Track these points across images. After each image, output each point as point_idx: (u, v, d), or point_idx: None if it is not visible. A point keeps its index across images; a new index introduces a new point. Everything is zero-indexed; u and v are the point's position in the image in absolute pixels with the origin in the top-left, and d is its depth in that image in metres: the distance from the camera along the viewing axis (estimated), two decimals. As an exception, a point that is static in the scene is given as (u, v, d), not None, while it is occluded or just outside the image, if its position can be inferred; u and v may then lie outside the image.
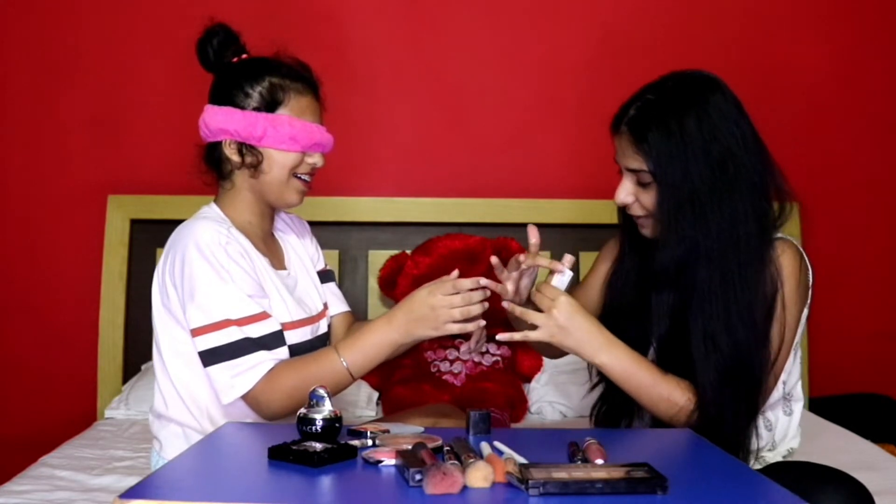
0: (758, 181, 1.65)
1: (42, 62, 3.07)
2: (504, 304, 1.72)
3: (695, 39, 3.08)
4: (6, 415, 3.05)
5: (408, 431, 1.49)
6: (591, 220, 2.96)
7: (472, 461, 1.19)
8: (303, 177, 1.79)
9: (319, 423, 1.38)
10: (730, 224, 1.63)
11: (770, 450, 1.76)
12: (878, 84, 3.19)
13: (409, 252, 2.97)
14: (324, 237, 2.27)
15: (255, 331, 1.65)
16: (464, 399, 2.60)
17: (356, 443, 1.36)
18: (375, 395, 2.81)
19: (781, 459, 1.77)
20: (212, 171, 1.81)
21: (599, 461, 1.26)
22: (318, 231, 2.11)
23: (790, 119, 3.11)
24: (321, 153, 1.79)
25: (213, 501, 1.11)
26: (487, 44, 3.15)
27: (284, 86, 1.75)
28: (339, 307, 1.98)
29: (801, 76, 3.17)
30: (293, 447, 1.30)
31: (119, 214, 3.00)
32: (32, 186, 3.07)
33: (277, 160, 1.74)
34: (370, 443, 1.38)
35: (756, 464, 1.73)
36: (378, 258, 3.03)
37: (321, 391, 1.41)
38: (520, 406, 2.73)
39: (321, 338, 1.85)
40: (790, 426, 1.77)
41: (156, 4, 3.08)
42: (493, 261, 1.75)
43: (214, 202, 1.83)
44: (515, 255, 1.72)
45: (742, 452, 1.67)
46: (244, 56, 1.81)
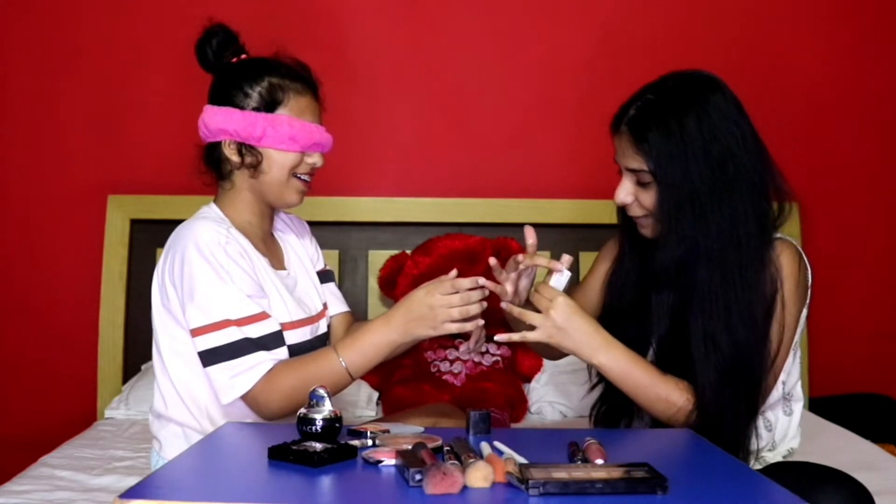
0: (758, 181, 1.65)
1: (42, 62, 3.07)
2: (503, 305, 1.72)
3: (695, 39, 3.08)
4: (6, 415, 3.05)
5: (408, 431, 1.49)
6: (591, 220, 2.96)
7: (472, 461, 1.19)
8: (302, 177, 1.79)
9: (319, 423, 1.38)
10: (730, 224, 1.63)
11: (770, 450, 1.75)
12: (878, 84, 3.19)
13: (409, 252, 2.97)
14: (324, 237, 2.27)
15: (255, 331, 1.65)
16: (464, 399, 2.60)
17: (356, 443, 1.36)
18: (375, 395, 2.81)
19: (781, 459, 1.77)
20: (211, 172, 1.81)
21: (599, 461, 1.26)
22: (318, 231, 2.11)
23: (790, 119, 3.11)
24: (321, 153, 1.79)
25: (213, 501, 1.11)
26: (487, 44, 3.15)
27: (284, 86, 1.75)
28: (339, 307, 1.98)
29: (801, 76, 3.17)
30: (293, 447, 1.30)
31: (119, 214, 3.00)
32: (32, 186, 3.08)
33: (277, 160, 1.74)
34: (370, 443, 1.38)
35: (756, 464, 1.73)
36: (378, 258, 3.03)
37: (321, 391, 1.41)
38: (520, 406, 2.73)
39: (321, 338, 1.85)
40: (790, 426, 1.77)
41: (156, 4, 3.08)
42: (492, 262, 1.75)
43: (214, 202, 1.83)
44: (514, 256, 1.72)
45: (742, 452, 1.67)
46: (243, 56, 1.81)
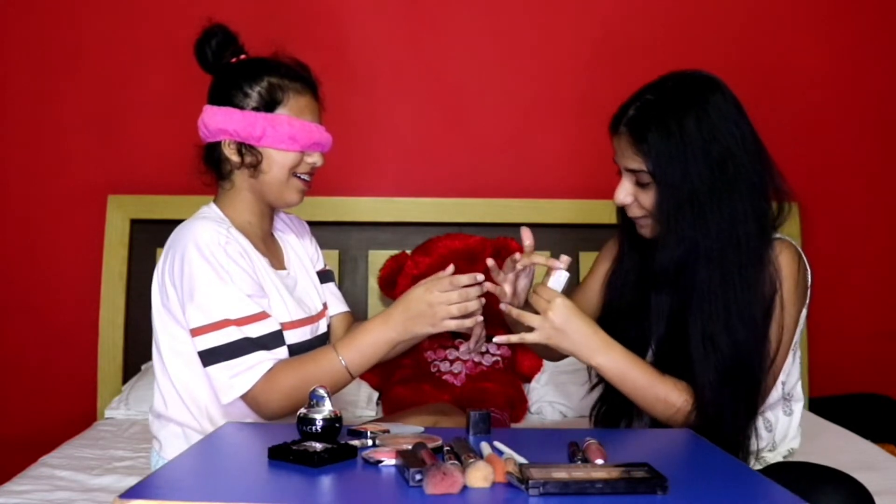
0: (757, 181, 1.65)
1: (42, 62, 3.07)
2: (501, 307, 1.72)
3: (695, 39, 3.08)
4: (6, 415, 3.05)
5: (408, 431, 1.49)
6: (591, 220, 2.96)
7: (472, 461, 1.19)
8: (302, 176, 1.79)
9: (319, 423, 1.38)
10: (729, 224, 1.63)
11: (770, 450, 1.75)
12: (878, 84, 3.19)
13: (409, 252, 2.97)
14: (324, 237, 2.27)
15: (255, 331, 1.65)
16: (464, 399, 2.60)
17: (356, 443, 1.36)
18: (375, 395, 2.81)
19: (782, 460, 1.76)
20: (211, 172, 1.81)
21: (599, 461, 1.26)
22: (318, 231, 2.11)
23: (790, 119, 3.11)
24: (320, 152, 1.79)
25: (213, 501, 1.11)
26: (487, 44, 3.15)
27: (283, 86, 1.75)
28: (339, 307, 1.98)
29: (801, 76, 3.17)
30: (293, 447, 1.30)
31: (119, 214, 3.00)
32: (32, 186, 3.08)
33: (277, 160, 1.74)
34: (370, 443, 1.38)
35: (756, 464, 1.73)
36: (378, 258, 3.03)
37: (321, 391, 1.41)
38: (520, 406, 2.73)
39: (320, 338, 1.85)
40: (790, 426, 1.77)
41: (156, 4, 3.08)
42: (489, 263, 1.75)
43: (214, 202, 1.83)
44: (511, 256, 1.72)
45: (741, 452, 1.66)
46: (243, 56, 1.81)
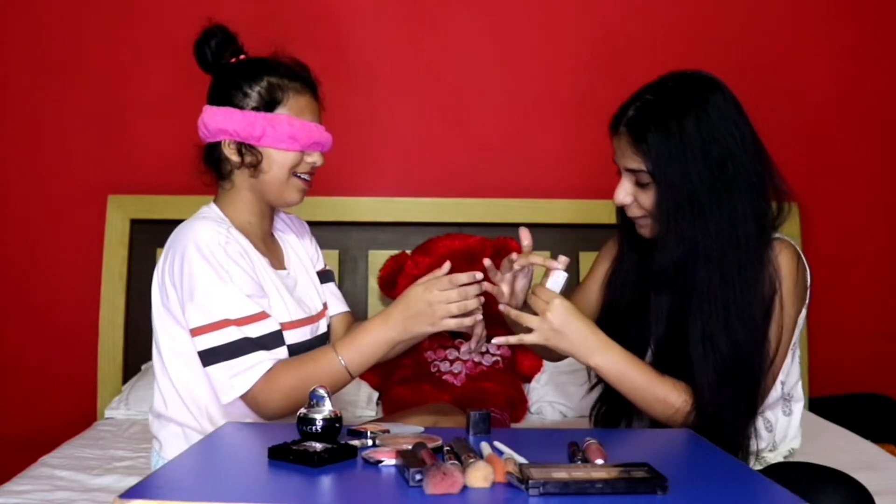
0: (756, 181, 1.65)
1: (42, 62, 3.07)
2: (500, 308, 1.72)
3: (695, 39, 3.08)
4: (6, 415, 3.05)
5: (408, 431, 1.49)
6: (591, 220, 2.96)
7: (472, 461, 1.19)
8: (303, 176, 1.79)
9: (319, 423, 1.38)
10: (729, 224, 1.63)
11: (771, 450, 1.75)
12: (878, 84, 3.19)
13: (409, 252, 2.97)
14: (324, 237, 2.27)
15: (254, 331, 1.65)
16: (464, 399, 2.60)
17: (356, 443, 1.36)
18: (375, 395, 2.81)
19: (782, 460, 1.76)
20: (211, 172, 1.81)
21: (599, 461, 1.26)
22: (318, 231, 2.11)
23: (790, 119, 3.11)
24: (320, 152, 1.79)
25: (213, 501, 1.11)
26: (487, 44, 3.15)
27: (283, 85, 1.75)
28: (339, 307, 1.98)
29: (801, 76, 3.17)
30: (293, 447, 1.30)
31: (119, 214, 3.00)
32: (32, 186, 3.07)
33: (277, 159, 1.74)
34: (370, 443, 1.38)
35: (757, 464, 1.73)
36: (378, 258, 3.03)
37: (321, 391, 1.40)
38: (520, 406, 2.73)
39: (321, 338, 1.85)
40: (790, 426, 1.77)
41: (156, 4, 3.08)
42: (486, 263, 1.75)
43: (214, 202, 1.83)
44: (508, 256, 1.72)
45: (741, 452, 1.66)
46: (242, 57, 1.81)
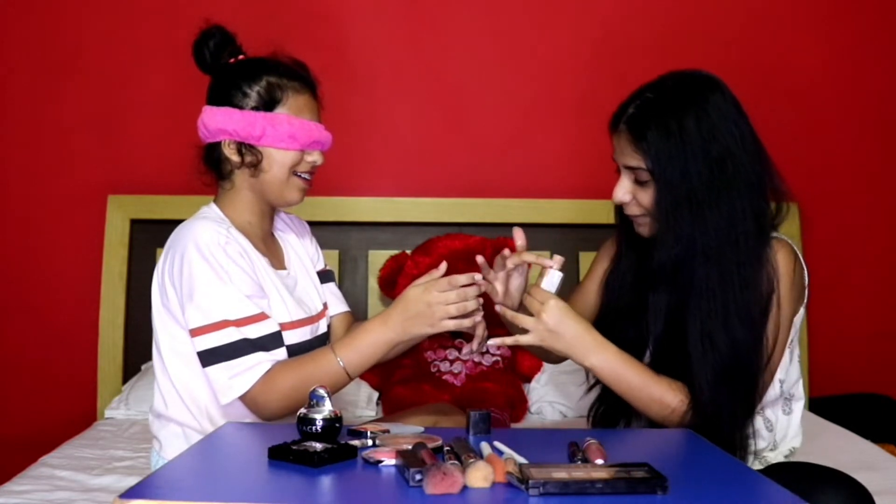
0: (755, 181, 1.65)
1: (42, 62, 3.07)
2: (497, 309, 1.72)
3: (695, 39, 3.08)
4: (6, 415, 3.05)
5: (408, 431, 1.49)
6: (591, 220, 2.96)
7: (472, 461, 1.19)
8: (303, 175, 1.79)
9: (319, 423, 1.38)
10: (728, 223, 1.63)
11: (771, 449, 1.75)
12: (878, 84, 3.19)
13: (409, 252, 2.97)
14: (324, 237, 2.27)
15: (254, 332, 1.65)
16: (464, 399, 2.60)
17: (356, 443, 1.36)
18: (375, 395, 2.81)
19: (783, 459, 1.76)
20: (211, 172, 1.81)
21: (599, 461, 1.26)
22: (318, 231, 2.11)
23: (790, 119, 3.11)
24: (320, 151, 1.79)
25: (213, 501, 1.11)
26: (487, 44, 3.15)
27: (282, 85, 1.75)
28: (339, 307, 1.98)
29: (801, 76, 3.17)
30: (293, 447, 1.30)
31: (119, 214, 3.00)
32: (32, 186, 3.07)
33: (277, 159, 1.74)
34: (370, 443, 1.38)
35: (757, 464, 1.73)
36: (378, 258, 3.03)
37: (321, 391, 1.40)
38: (520, 406, 2.73)
39: (321, 338, 1.85)
40: (790, 425, 1.77)
41: (156, 5, 3.08)
42: (479, 260, 1.74)
43: (214, 202, 1.83)
44: (500, 253, 1.72)
45: (739, 451, 1.66)
46: (241, 57, 1.81)
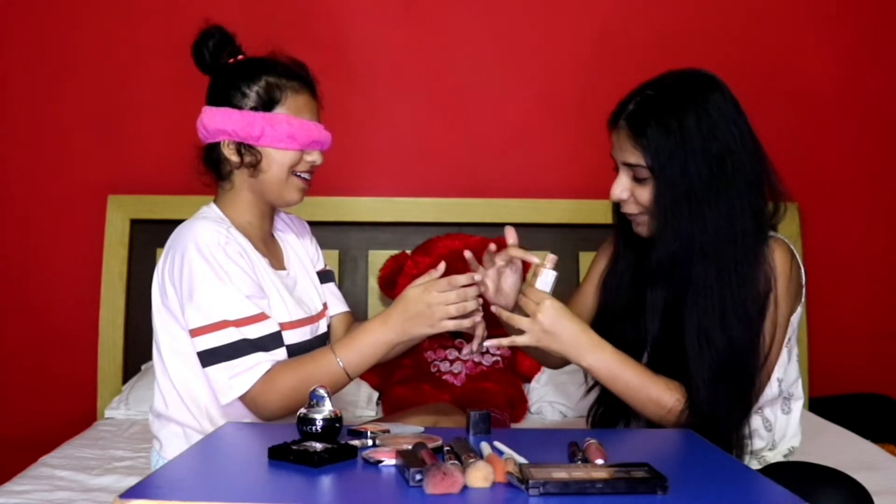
0: (754, 179, 1.66)
1: (42, 62, 3.07)
2: (492, 309, 1.71)
3: (694, 39, 3.08)
4: (6, 415, 3.05)
5: (408, 431, 1.49)
6: (591, 220, 2.95)
7: (472, 461, 1.19)
8: (302, 175, 1.79)
9: (319, 423, 1.38)
10: (726, 221, 1.63)
11: (770, 449, 1.75)
12: (879, 84, 3.19)
13: (409, 252, 2.97)
14: (324, 237, 2.27)
15: (253, 332, 1.65)
16: (464, 399, 2.60)
17: (356, 443, 1.36)
18: (375, 395, 2.81)
19: (783, 459, 1.76)
20: (211, 173, 1.81)
21: (599, 461, 1.26)
22: (318, 231, 2.11)
23: (790, 119, 3.11)
24: (320, 151, 1.79)
25: (213, 501, 1.11)
26: (487, 44, 3.15)
27: (281, 85, 1.75)
28: (339, 307, 1.98)
29: (801, 76, 3.16)
30: (293, 447, 1.30)
31: (119, 214, 3.00)
32: (32, 186, 3.07)
33: (276, 159, 1.74)
34: (370, 443, 1.38)
35: (756, 464, 1.73)
36: (378, 258, 3.03)
37: (321, 391, 1.40)
38: (520, 406, 2.73)
39: (320, 338, 1.85)
40: (789, 425, 1.77)
41: (156, 5, 3.08)
42: (467, 255, 1.74)
43: (214, 202, 1.83)
44: (487, 249, 1.71)
45: (736, 450, 1.66)
46: (240, 57, 1.81)
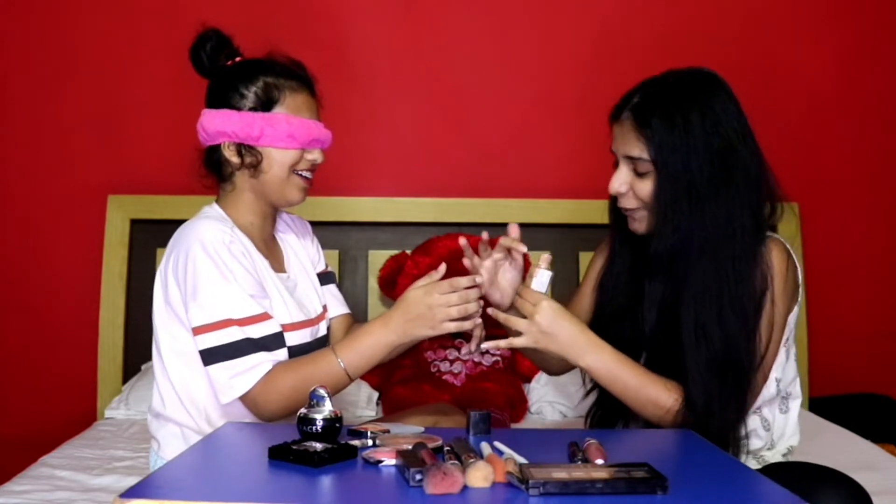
0: (755, 178, 1.66)
1: (42, 62, 3.07)
2: (489, 311, 1.71)
3: (694, 39, 3.08)
4: (6, 415, 3.05)
5: (408, 431, 1.49)
6: (591, 221, 2.94)
7: (472, 461, 1.19)
8: (303, 174, 1.79)
9: (320, 423, 1.38)
10: (726, 217, 1.63)
11: (769, 449, 1.75)
12: (878, 84, 3.19)
13: (409, 252, 2.97)
14: (324, 237, 2.27)
15: (256, 331, 1.65)
16: (464, 399, 2.60)
17: (356, 443, 1.36)
18: (375, 395, 2.81)
19: (782, 458, 1.77)
20: (212, 175, 1.81)
21: (599, 461, 1.26)
22: (318, 231, 2.11)
23: (790, 119, 3.11)
24: (320, 149, 1.79)
25: (213, 501, 1.11)
26: (487, 44, 3.15)
27: (279, 84, 1.75)
28: (339, 309, 1.98)
29: (802, 76, 3.17)
30: (293, 447, 1.30)
31: (119, 214, 3.00)
32: (32, 186, 3.07)
33: (277, 158, 1.74)
34: (370, 443, 1.39)
35: (756, 463, 1.73)
36: (378, 258, 3.03)
37: (321, 391, 1.40)
38: (520, 406, 2.73)
39: (320, 340, 1.85)
40: (787, 424, 1.77)
41: (155, 5, 3.08)
42: (462, 242, 1.73)
43: (216, 203, 1.83)
44: (481, 240, 1.71)
45: (732, 448, 1.66)
46: (238, 59, 1.81)
